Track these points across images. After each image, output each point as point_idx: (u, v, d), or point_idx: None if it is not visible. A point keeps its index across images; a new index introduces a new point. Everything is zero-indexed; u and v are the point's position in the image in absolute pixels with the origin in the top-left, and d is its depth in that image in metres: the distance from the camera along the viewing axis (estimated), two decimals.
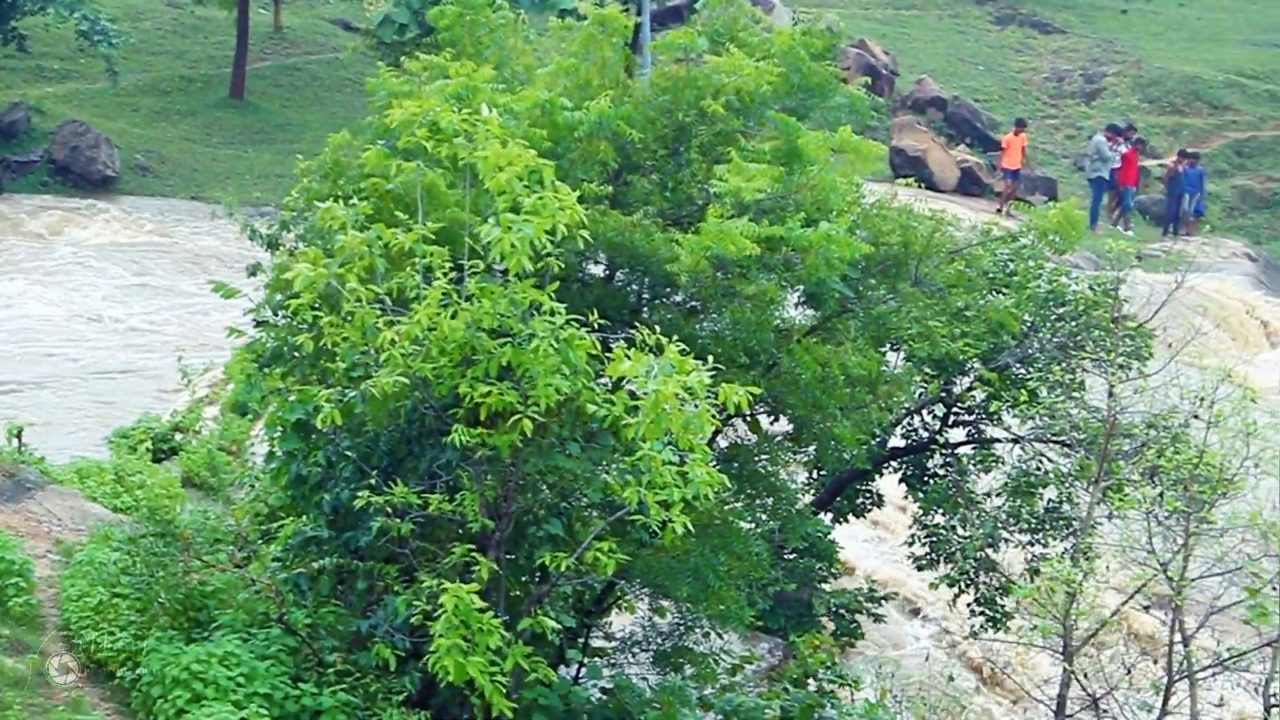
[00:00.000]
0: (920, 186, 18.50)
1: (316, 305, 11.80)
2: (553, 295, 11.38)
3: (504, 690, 11.37)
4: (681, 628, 14.34)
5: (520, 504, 11.99)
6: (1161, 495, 13.53)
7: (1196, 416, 13.93)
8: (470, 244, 11.60)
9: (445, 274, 11.54)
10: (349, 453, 12.33)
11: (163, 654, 12.59)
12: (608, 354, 11.22)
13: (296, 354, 12.91)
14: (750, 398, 11.20)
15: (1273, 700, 13.20)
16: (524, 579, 12.50)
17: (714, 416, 11.21)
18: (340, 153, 13.86)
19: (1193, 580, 13.38)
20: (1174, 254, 43.69)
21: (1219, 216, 47.62)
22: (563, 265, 11.34)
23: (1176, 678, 13.35)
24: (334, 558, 12.49)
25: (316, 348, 12.07)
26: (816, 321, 14.17)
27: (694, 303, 13.83)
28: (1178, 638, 13.36)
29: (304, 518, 12.75)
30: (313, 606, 12.75)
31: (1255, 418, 13.46)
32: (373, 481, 11.99)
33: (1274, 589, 13.13)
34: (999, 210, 39.64)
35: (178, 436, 20.23)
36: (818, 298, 13.94)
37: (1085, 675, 13.60)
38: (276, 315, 13.75)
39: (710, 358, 11.22)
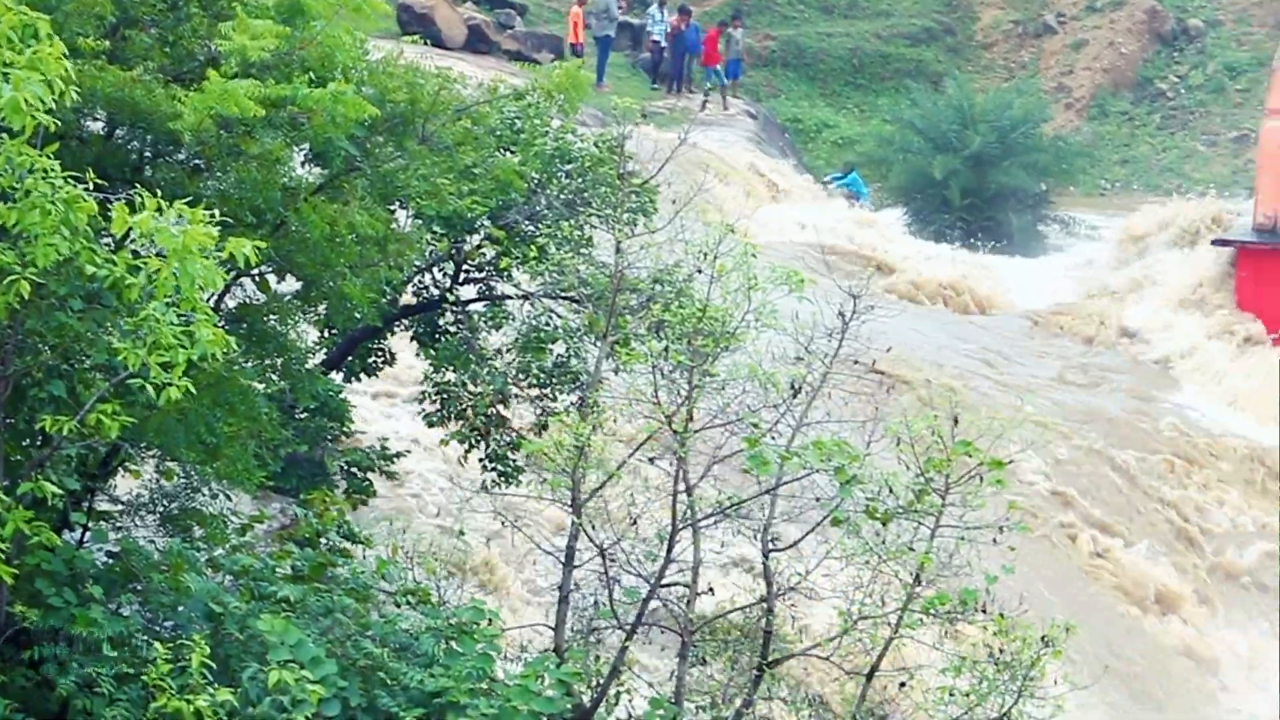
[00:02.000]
0: (427, 44, 18.44)
1: None
2: (50, 154, 11.02)
3: (3, 556, 11.09)
4: (189, 490, 14.15)
5: (19, 366, 11.66)
6: (667, 349, 13.84)
7: (700, 271, 14.25)
8: None
9: None
10: None
11: None
12: (108, 213, 10.94)
13: None
14: (258, 254, 11.06)
15: (771, 546, 13.69)
16: (24, 443, 12.18)
17: (224, 275, 11.05)
18: None
19: (696, 431, 13.74)
20: (678, 111, 44.51)
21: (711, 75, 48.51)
22: (59, 123, 10.98)
23: (680, 526, 13.73)
24: None
25: None
26: (324, 180, 14.04)
27: (198, 161, 13.55)
28: (681, 487, 13.73)
29: None
30: None
31: (756, 272, 13.83)
32: None
33: (773, 439, 13.58)
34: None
35: None
36: (325, 156, 13.79)
37: (594, 526, 13.89)
38: None
39: (216, 215, 11.02)
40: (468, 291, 17.64)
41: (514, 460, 17.21)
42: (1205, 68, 53.84)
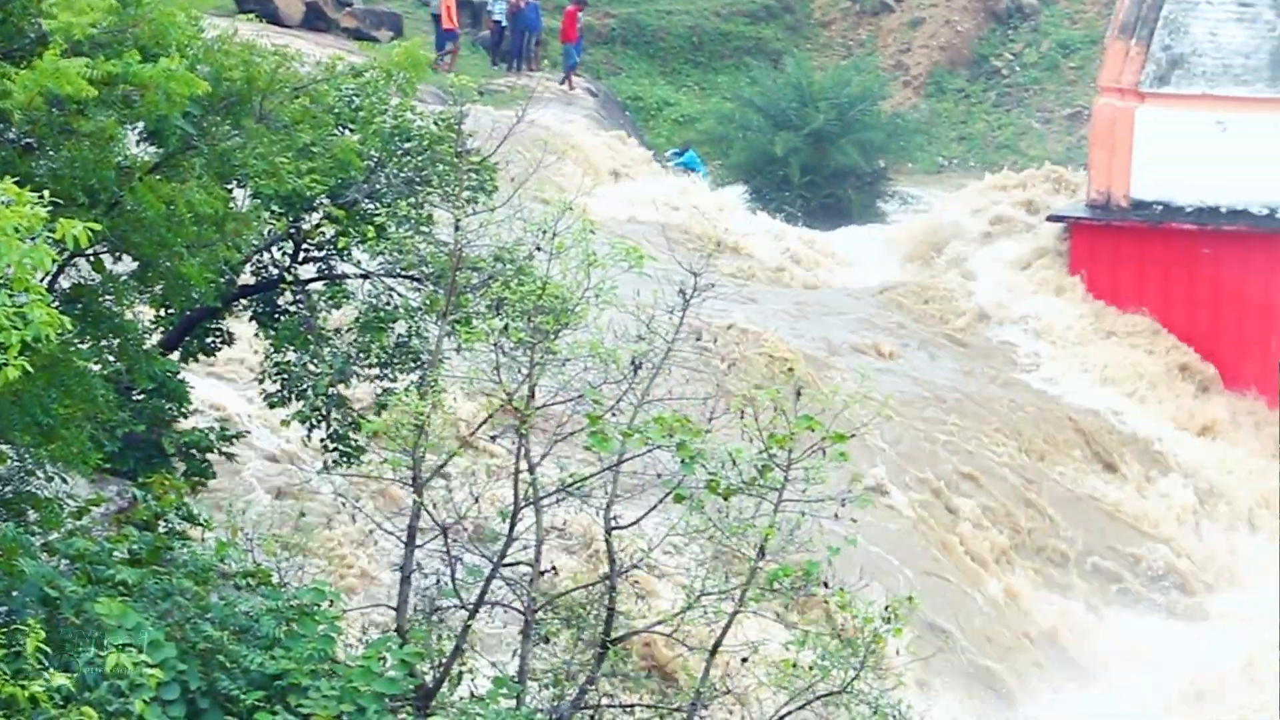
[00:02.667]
0: (264, 21, 18.28)
1: None
2: None
3: None
4: (23, 473, 13.95)
5: None
6: (507, 327, 13.81)
7: (540, 249, 14.23)
8: None
9: None
10: None
11: None
12: None
13: None
14: (91, 235, 10.90)
15: (613, 523, 13.71)
16: None
17: (54, 256, 10.88)
18: None
19: (538, 409, 13.73)
20: (518, 89, 44.43)
21: (560, 53, 48.50)
22: None
23: (523, 504, 13.72)
24: None
25: None
26: (159, 159, 13.87)
27: (29, 140, 13.34)
28: (523, 465, 13.71)
29: None
30: None
31: (596, 249, 13.84)
32: None
33: (615, 416, 13.59)
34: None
35: None
36: (160, 135, 13.63)
37: (435, 505, 13.85)
38: None
39: (48, 195, 10.85)
40: (307, 271, 17.50)
41: (355, 440, 17.10)
42: (1039, 45, 54.47)
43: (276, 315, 17.60)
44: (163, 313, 17.25)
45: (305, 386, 16.96)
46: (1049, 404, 33.16)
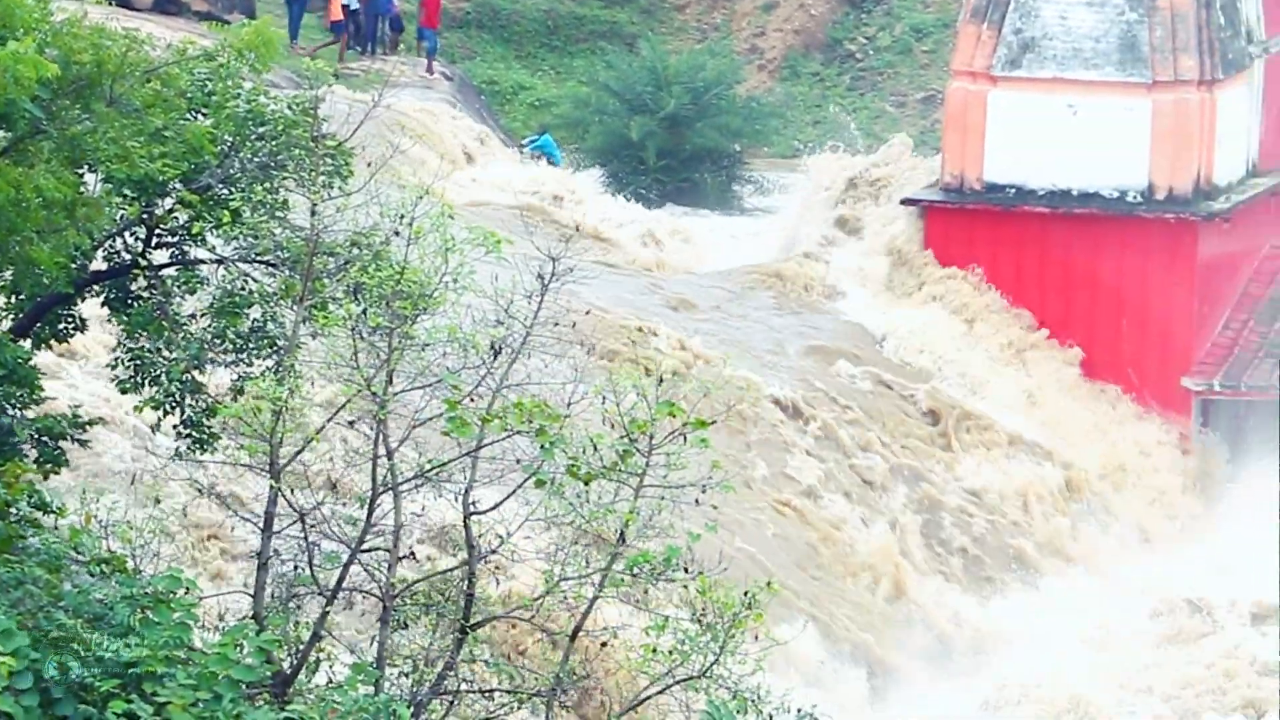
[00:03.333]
0: (114, 5, 18.05)
1: None
2: None
3: None
4: None
5: None
6: (365, 312, 13.74)
7: (397, 233, 14.16)
8: None
9: None
10: None
11: None
12: None
13: None
14: None
15: (472, 509, 13.68)
16: None
17: None
18: None
19: (396, 394, 13.67)
20: (373, 73, 44.19)
21: (414, 36, 48.34)
22: None
23: (381, 490, 13.65)
24: None
25: None
26: (7, 144, 13.67)
27: None
28: (382, 451, 13.65)
29: None
30: None
31: (453, 234, 13.78)
32: None
33: (473, 400, 13.55)
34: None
35: None
36: (8, 119, 13.44)
37: (292, 491, 13.76)
38: None
39: None
40: (160, 256, 17.30)
41: (210, 426, 16.94)
42: (892, 29, 54.83)
43: (130, 301, 17.40)
44: (13, 299, 17.01)
45: (159, 372, 16.78)
46: (898, 384, 33.41)
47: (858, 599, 27.46)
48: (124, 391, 17.30)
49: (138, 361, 17.03)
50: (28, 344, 17.64)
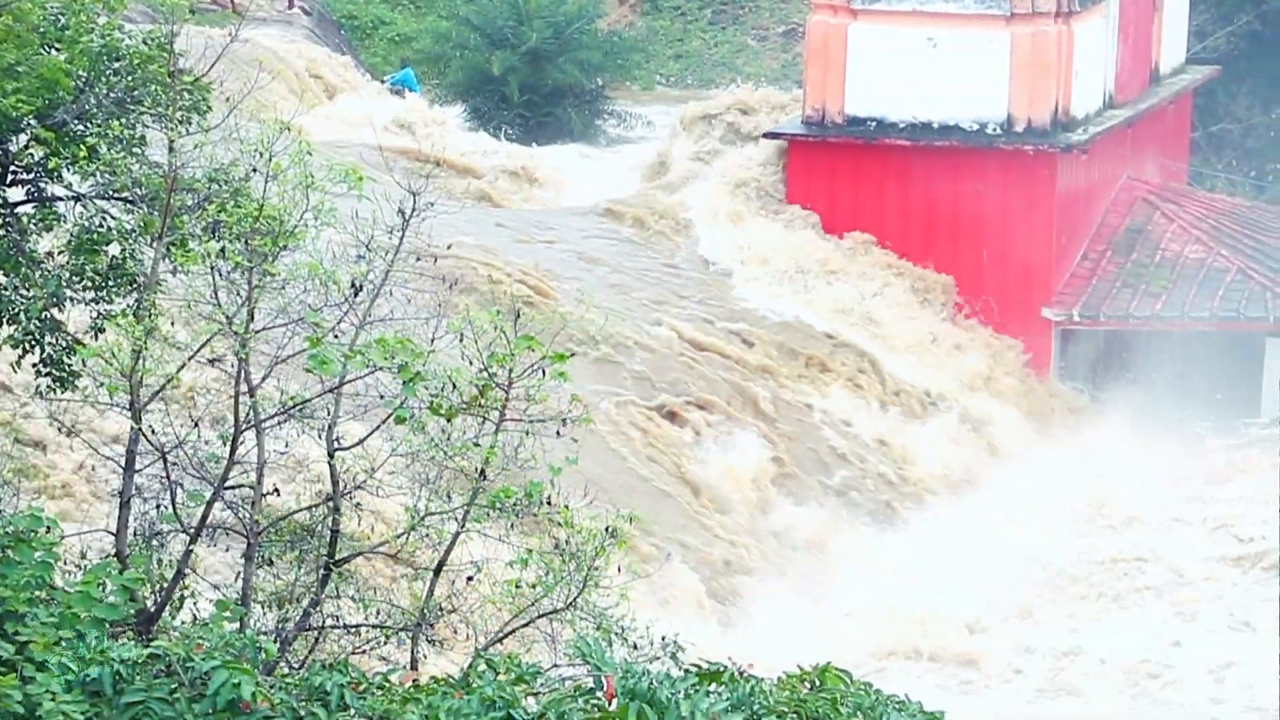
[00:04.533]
0: None
1: None
2: None
3: None
4: None
5: None
6: (224, 249, 13.66)
7: (256, 170, 14.08)
8: None
9: None
10: None
11: None
12: None
13: None
14: None
15: (336, 445, 13.67)
16: None
17: None
18: None
19: (257, 332, 13.61)
20: (231, 8, 43.78)
21: None
22: None
23: (244, 427, 13.61)
24: None
25: None
26: None
27: None
28: (244, 388, 13.60)
29: None
30: None
31: (313, 170, 13.72)
32: None
33: (335, 337, 13.52)
34: None
35: None
36: None
37: (154, 430, 13.69)
38: None
39: None
40: (16, 194, 17.12)
41: (70, 365, 16.80)
42: None
43: None
44: None
45: (17, 311, 16.62)
46: (768, 319, 33.59)
47: (718, 525, 27.65)
48: None
49: None
50: None
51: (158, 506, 13.88)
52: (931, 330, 35.42)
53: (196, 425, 13.92)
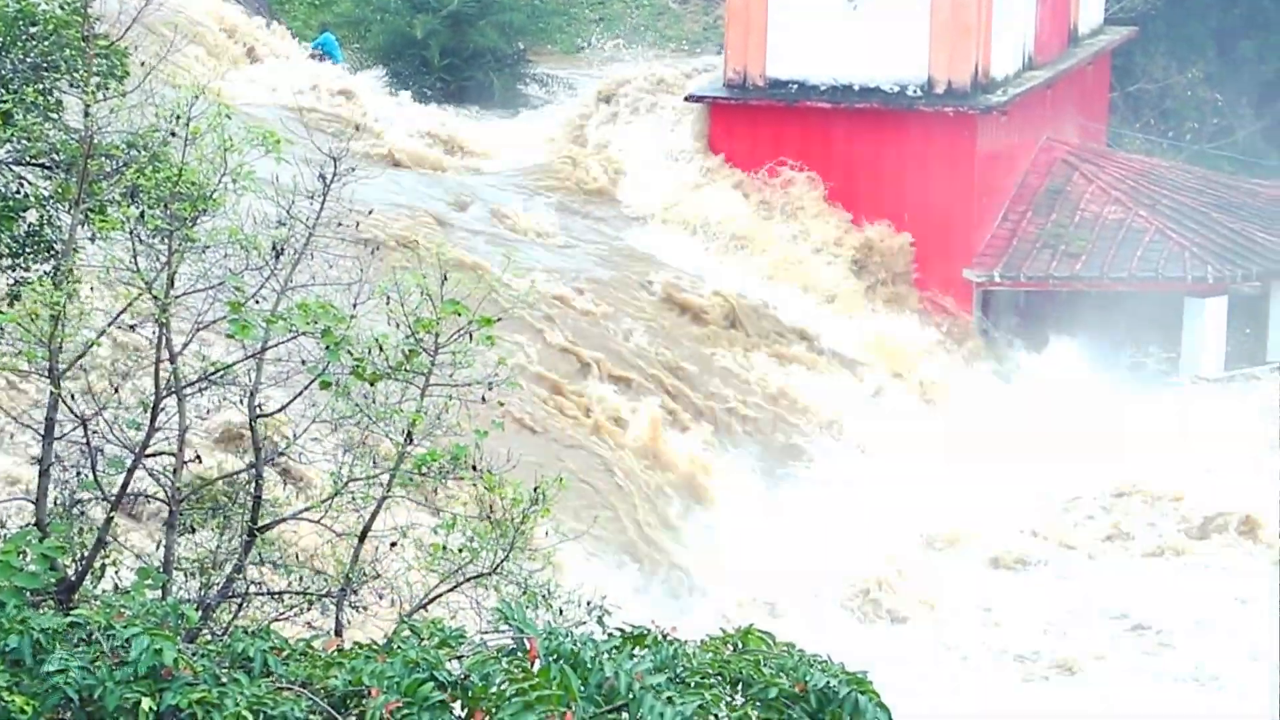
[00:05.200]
0: None
1: None
2: None
3: None
4: None
5: None
6: (143, 215, 13.55)
7: (174, 134, 13.96)
8: None
9: None
10: None
11: None
12: None
13: None
14: None
15: (258, 411, 13.59)
16: None
17: None
18: None
19: (178, 298, 13.51)
20: None
21: None
22: None
23: (165, 394, 13.52)
24: None
25: None
26: None
27: None
28: (164, 355, 13.51)
29: None
30: None
31: (232, 134, 13.62)
32: None
33: (257, 302, 13.44)
34: None
35: None
36: None
37: (74, 397, 13.58)
38: None
39: None
40: None
41: None
42: None
43: None
44: None
45: None
46: (695, 281, 33.65)
47: (637, 489, 27.68)
48: None
49: None
50: None
51: (78, 474, 13.78)
52: (848, 290, 35.56)
53: (117, 391, 13.82)
